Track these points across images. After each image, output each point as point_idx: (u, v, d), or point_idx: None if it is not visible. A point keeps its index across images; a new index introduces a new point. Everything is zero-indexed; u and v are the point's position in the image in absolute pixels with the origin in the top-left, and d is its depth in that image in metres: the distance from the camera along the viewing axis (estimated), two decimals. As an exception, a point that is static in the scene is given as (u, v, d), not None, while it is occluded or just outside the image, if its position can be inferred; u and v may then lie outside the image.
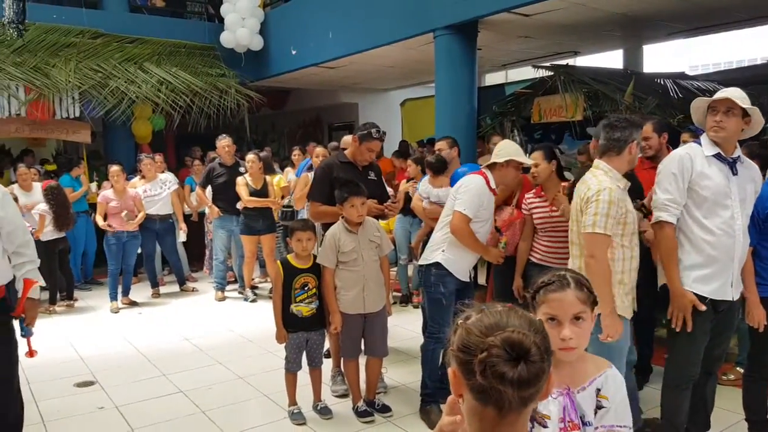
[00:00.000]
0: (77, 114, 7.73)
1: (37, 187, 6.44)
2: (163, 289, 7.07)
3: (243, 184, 6.27)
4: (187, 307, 6.48)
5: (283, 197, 6.57)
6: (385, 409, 3.65)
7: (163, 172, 7.15)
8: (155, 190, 6.69)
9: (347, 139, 5.03)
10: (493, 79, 10.16)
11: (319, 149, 5.69)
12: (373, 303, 3.58)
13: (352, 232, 3.50)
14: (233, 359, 4.73)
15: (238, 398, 3.99)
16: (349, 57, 7.55)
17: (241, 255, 6.73)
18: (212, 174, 6.60)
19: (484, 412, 1.00)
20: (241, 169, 6.48)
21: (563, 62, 6.57)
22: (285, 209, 6.38)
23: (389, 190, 4.75)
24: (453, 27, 5.87)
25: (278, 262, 3.63)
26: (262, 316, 5.68)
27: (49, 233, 6.11)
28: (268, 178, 6.48)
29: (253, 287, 6.83)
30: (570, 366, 1.56)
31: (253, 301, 6.54)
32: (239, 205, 6.38)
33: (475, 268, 3.82)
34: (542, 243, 3.65)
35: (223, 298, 6.70)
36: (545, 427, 1.46)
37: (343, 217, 3.52)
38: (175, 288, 7.18)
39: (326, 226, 3.77)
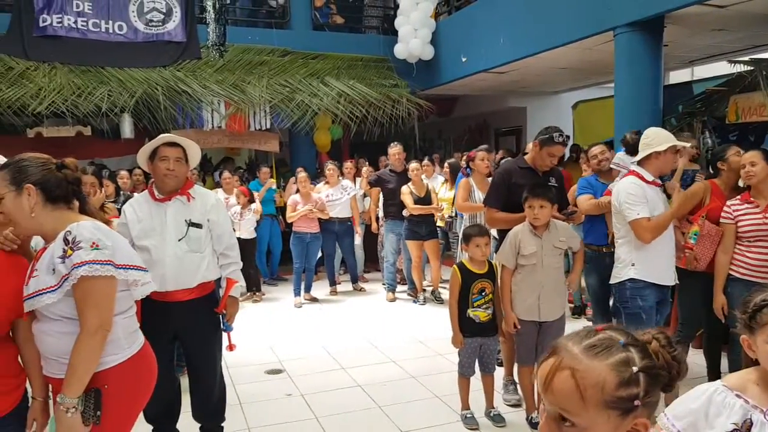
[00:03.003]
0: (268, 126, 8.46)
1: (236, 191, 7.24)
2: (338, 288, 7.52)
3: (407, 193, 6.48)
4: (362, 306, 6.82)
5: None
6: None
7: (357, 176, 7.66)
8: (336, 195, 7.14)
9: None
10: (677, 76, 9.37)
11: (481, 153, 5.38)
12: (549, 311, 3.48)
13: (536, 235, 3.42)
14: (406, 358, 4.89)
15: (411, 397, 4.11)
16: (520, 61, 7.43)
17: (408, 258, 6.95)
18: (383, 179, 6.94)
19: None
20: (411, 175, 6.70)
21: (764, 56, 5.90)
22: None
23: None
24: (636, 24, 5.49)
25: (455, 267, 3.64)
26: (431, 318, 5.82)
27: (247, 232, 6.83)
28: (430, 185, 6.63)
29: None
30: None
31: (422, 304, 6.72)
32: (405, 213, 6.61)
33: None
34: (749, 255, 3.33)
35: (394, 299, 6.96)
36: None
37: None
38: (349, 287, 7.59)
39: (501, 233, 3.75)
